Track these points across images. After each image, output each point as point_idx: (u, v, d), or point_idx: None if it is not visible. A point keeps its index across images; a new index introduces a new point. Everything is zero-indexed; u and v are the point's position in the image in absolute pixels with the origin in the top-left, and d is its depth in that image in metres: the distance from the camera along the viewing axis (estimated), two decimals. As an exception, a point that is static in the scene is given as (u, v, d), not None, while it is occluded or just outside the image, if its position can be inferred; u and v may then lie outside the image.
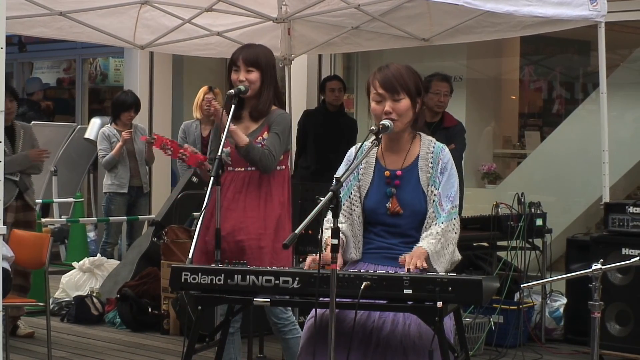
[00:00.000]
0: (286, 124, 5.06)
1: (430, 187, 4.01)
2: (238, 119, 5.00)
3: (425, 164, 4.05)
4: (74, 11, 7.64)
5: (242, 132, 4.95)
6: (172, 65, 11.75)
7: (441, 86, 7.47)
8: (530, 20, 6.94)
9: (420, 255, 3.82)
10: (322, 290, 3.60)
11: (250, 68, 4.94)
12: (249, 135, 4.96)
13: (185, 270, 3.87)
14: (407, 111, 3.99)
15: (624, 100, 9.13)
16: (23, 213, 7.33)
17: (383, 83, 3.98)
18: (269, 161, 4.91)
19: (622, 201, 7.02)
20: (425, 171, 4.04)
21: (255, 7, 7.88)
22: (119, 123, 9.14)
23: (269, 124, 4.99)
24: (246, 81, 4.91)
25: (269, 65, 5.02)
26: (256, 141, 4.95)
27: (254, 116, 5.01)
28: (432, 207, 3.98)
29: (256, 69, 4.94)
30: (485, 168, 10.15)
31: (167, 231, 7.65)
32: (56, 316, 8.05)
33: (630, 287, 6.48)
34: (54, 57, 14.40)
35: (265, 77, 4.97)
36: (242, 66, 4.94)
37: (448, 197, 3.99)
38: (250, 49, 5.04)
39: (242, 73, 4.93)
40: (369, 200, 4.05)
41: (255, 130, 5.00)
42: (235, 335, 5.18)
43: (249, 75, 4.93)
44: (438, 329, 3.58)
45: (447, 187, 4.00)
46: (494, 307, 7.01)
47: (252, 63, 4.94)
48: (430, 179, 4.02)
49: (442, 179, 4.01)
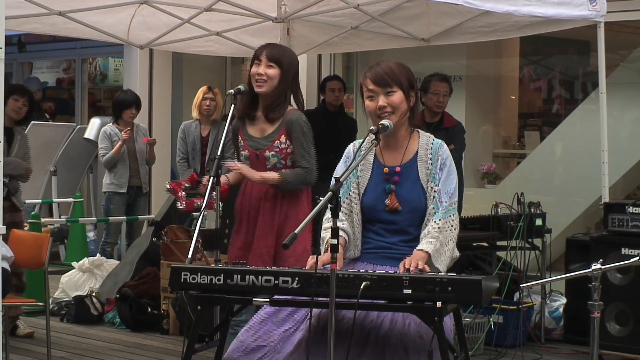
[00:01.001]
0: (305, 128, 5.02)
1: (430, 184, 4.01)
2: (252, 119, 4.98)
3: (424, 160, 4.04)
4: (72, 11, 7.65)
5: (258, 134, 4.96)
6: (171, 65, 11.74)
7: (440, 86, 7.47)
8: (528, 21, 6.93)
9: (421, 259, 3.82)
10: (322, 290, 3.60)
11: (271, 63, 4.89)
12: (265, 139, 4.95)
13: (185, 270, 3.87)
14: (401, 103, 3.99)
15: (623, 100, 9.13)
16: (10, 214, 7.31)
17: (374, 79, 3.98)
18: (309, 176, 4.98)
19: (621, 201, 7.01)
20: (425, 167, 4.03)
21: (254, 6, 7.88)
22: (120, 122, 9.14)
23: (286, 128, 4.96)
24: (265, 75, 4.87)
25: (291, 66, 4.98)
26: (273, 145, 4.94)
27: (269, 116, 4.98)
28: (432, 204, 3.98)
29: (277, 66, 4.90)
30: (484, 168, 10.15)
31: (167, 231, 7.65)
32: (56, 316, 8.05)
33: (630, 287, 6.48)
34: (54, 57, 14.40)
35: (285, 77, 4.92)
36: (264, 60, 4.89)
37: (447, 193, 3.99)
38: (275, 47, 5.03)
39: (263, 67, 4.89)
40: (367, 197, 4.05)
41: (272, 133, 4.98)
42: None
43: (269, 70, 4.89)
44: (438, 329, 3.58)
45: (446, 183, 4.00)
46: (494, 307, 7.01)
47: (274, 59, 4.90)
48: (430, 175, 4.01)
49: (441, 175, 4.01)
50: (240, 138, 5.06)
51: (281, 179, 4.89)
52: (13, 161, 7.22)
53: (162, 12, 7.89)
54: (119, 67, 13.29)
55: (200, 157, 8.68)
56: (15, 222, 7.33)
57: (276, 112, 4.95)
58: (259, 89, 4.88)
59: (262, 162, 5.00)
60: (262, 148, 4.99)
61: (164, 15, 7.96)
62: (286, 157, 4.99)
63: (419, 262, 3.78)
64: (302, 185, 4.96)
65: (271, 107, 4.94)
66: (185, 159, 8.72)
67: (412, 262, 3.78)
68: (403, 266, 3.81)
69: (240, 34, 8.32)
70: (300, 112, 5.09)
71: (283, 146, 4.95)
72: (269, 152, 4.97)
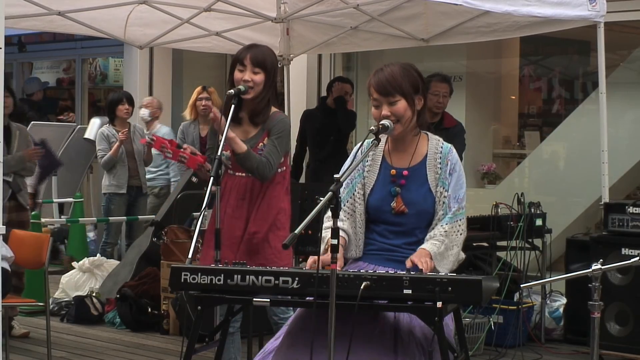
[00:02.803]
0: (285, 130, 5.00)
1: (439, 188, 3.99)
2: (237, 122, 4.95)
3: (433, 164, 4.03)
4: (71, 11, 7.65)
5: (242, 136, 4.92)
6: (171, 64, 11.74)
7: (440, 87, 7.46)
8: (527, 21, 6.93)
9: (427, 256, 3.82)
10: (322, 290, 3.60)
11: (257, 69, 4.87)
12: (248, 141, 4.93)
13: (185, 271, 3.86)
14: (405, 112, 3.97)
15: (623, 100, 9.12)
16: (16, 213, 7.32)
17: (377, 88, 3.98)
18: (266, 170, 4.88)
19: (621, 201, 7.02)
20: (434, 171, 4.02)
21: (254, 6, 7.88)
22: (116, 122, 9.17)
23: (268, 130, 4.95)
24: (251, 82, 4.86)
25: (274, 67, 4.99)
26: (257, 147, 4.92)
27: (253, 120, 4.97)
28: (441, 209, 3.97)
29: (262, 71, 4.89)
30: (484, 168, 10.15)
31: (167, 231, 7.66)
32: (56, 316, 8.05)
33: (630, 287, 6.48)
34: (54, 57, 14.40)
35: (269, 80, 4.92)
36: (249, 66, 4.87)
37: (456, 199, 3.98)
38: (257, 50, 4.96)
39: (248, 73, 4.87)
40: (373, 197, 4.03)
41: (255, 135, 4.97)
42: (235, 335, 5.18)
43: (255, 77, 4.87)
44: (438, 329, 3.58)
45: (456, 189, 4.00)
46: (494, 307, 7.01)
47: (259, 64, 4.87)
48: (439, 180, 4.00)
49: (451, 180, 4.00)
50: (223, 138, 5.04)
51: (245, 151, 4.81)
52: (10, 159, 7.18)
53: (161, 12, 7.90)
54: (119, 67, 13.29)
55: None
56: (22, 221, 7.34)
57: (261, 116, 4.95)
58: (247, 96, 4.87)
59: None
60: None
61: (163, 15, 7.97)
62: None
63: (427, 260, 3.78)
64: (257, 171, 4.86)
65: (256, 112, 4.94)
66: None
67: (422, 260, 3.78)
68: (410, 262, 3.80)
69: (240, 32, 8.32)
70: (284, 115, 5.11)
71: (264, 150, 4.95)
72: None
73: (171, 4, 7.79)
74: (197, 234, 4.52)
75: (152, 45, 8.61)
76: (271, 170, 4.91)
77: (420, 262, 3.77)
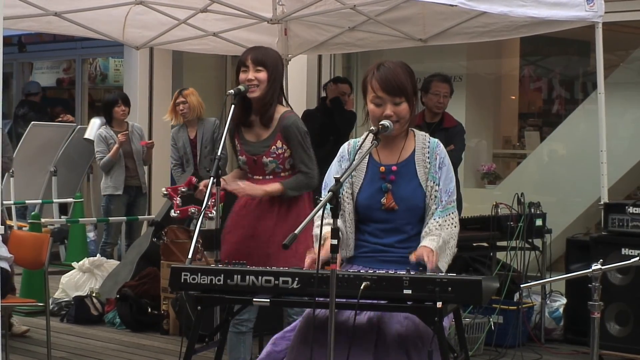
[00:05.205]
0: (302, 130, 5.04)
1: (429, 182, 3.98)
2: (248, 125, 5.03)
3: (422, 158, 4.02)
4: (68, 11, 7.65)
5: (254, 139, 4.99)
6: (171, 65, 11.74)
7: (441, 87, 7.47)
8: (524, 21, 6.93)
9: (429, 252, 3.81)
10: (322, 291, 3.60)
11: (258, 67, 4.96)
12: (261, 144, 4.98)
13: (185, 271, 3.86)
14: (407, 114, 3.97)
15: (623, 100, 9.12)
16: None
17: (384, 86, 3.91)
18: (310, 181, 5.00)
19: (621, 201, 7.02)
20: (423, 166, 4.01)
21: (249, 7, 7.87)
22: (114, 123, 9.19)
23: (282, 133, 4.99)
24: (255, 80, 4.93)
25: (276, 64, 5.05)
26: (270, 151, 4.97)
27: (263, 121, 5.02)
28: (433, 204, 3.97)
29: (264, 68, 4.96)
30: (484, 168, 10.15)
31: (167, 231, 7.66)
32: (56, 316, 8.05)
33: (630, 287, 6.48)
34: (54, 57, 14.40)
35: (272, 77, 4.99)
36: (251, 65, 4.96)
37: (447, 192, 3.98)
38: (258, 50, 5.08)
39: (251, 72, 4.95)
40: (362, 196, 4.01)
41: (268, 138, 5.01)
42: (246, 335, 5.19)
43: (258, 75, 4.95)
44: (438, 329, 3.58)
45: (446, 182, 3.99)
46: (494, 307, 7.01)
47: (260, 62, 4.96)
48: (429, 174, 3.99)
49: (440, 174, 3.99)
50: (237, 142, 5.09)
51: (283, 189, 4.94)
52: None
53: (158, 13, 7.90)
54: (119, 67, 13.29)
55: (192, 159, 8.76)
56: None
57: (269, 113, 4.99)
58: (252, 94, 4.95)
59: (260, 167, 5.02)
60: (259, 153, 5.01)
61: (161, 16, 7.97)
62: (284, 162, 5.01)
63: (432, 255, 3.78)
64: (305, 189, 5.01)
65: (264, 109, 4.98)
66: (178, 164, 8.85)
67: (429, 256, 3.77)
68: (415, 256, 3.80)
69: (237, 33, 8.32)
70: (295, 115, 5.13)
71: (280, 151, 4.99)
72: (266, 158, 5.00)
73: (167, 4, 7.79)
74: (197, 234, 4.52)
75: (149, 46, 8.61)
76: (312, 178, 5.02)
77: (427, 257, 3.77)
